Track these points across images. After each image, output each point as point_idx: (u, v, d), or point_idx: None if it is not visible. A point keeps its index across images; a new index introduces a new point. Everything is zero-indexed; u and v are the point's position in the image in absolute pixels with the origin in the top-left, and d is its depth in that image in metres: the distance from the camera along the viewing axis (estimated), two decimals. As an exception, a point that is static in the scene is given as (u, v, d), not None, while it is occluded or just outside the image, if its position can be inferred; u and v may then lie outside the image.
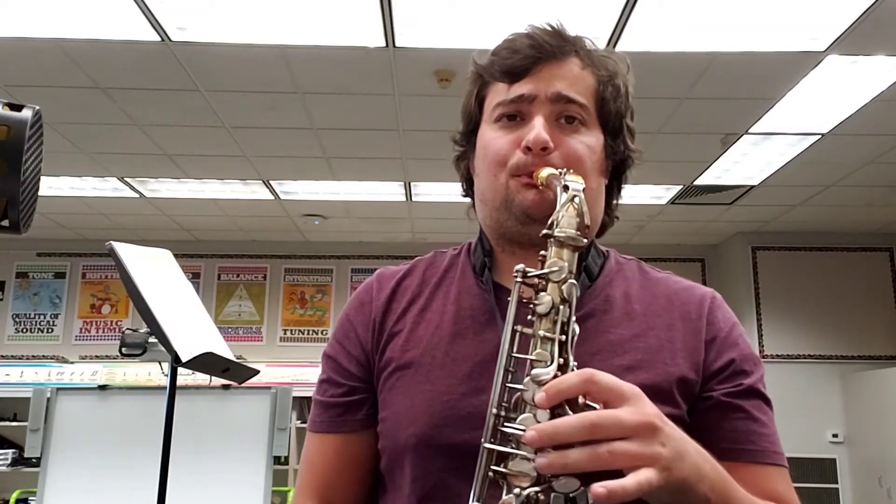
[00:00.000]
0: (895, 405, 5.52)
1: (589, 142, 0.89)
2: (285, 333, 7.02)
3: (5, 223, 0.68)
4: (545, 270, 0.74)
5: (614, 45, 3.27)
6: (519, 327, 0.74)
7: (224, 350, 2.36)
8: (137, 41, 3.31)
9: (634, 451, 0.65)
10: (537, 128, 0.85)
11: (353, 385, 0.92)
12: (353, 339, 0.94)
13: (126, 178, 5.29)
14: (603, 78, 0.90)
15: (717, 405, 0.86)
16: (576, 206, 0.76)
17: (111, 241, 2.23)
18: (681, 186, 5.35)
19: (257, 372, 2.50)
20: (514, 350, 0.74)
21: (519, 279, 0.75)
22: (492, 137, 0.90)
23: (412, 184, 5.38)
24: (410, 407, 0.86)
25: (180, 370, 2.26)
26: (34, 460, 3.14)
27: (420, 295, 0.94)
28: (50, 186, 5.34)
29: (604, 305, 0.89)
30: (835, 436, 6.17)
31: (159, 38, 3.28)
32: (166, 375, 2.33)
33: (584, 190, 0.78)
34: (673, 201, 5.70)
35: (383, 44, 3.32)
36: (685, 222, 6.34)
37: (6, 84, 3.74)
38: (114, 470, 2.79)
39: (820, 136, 4.32)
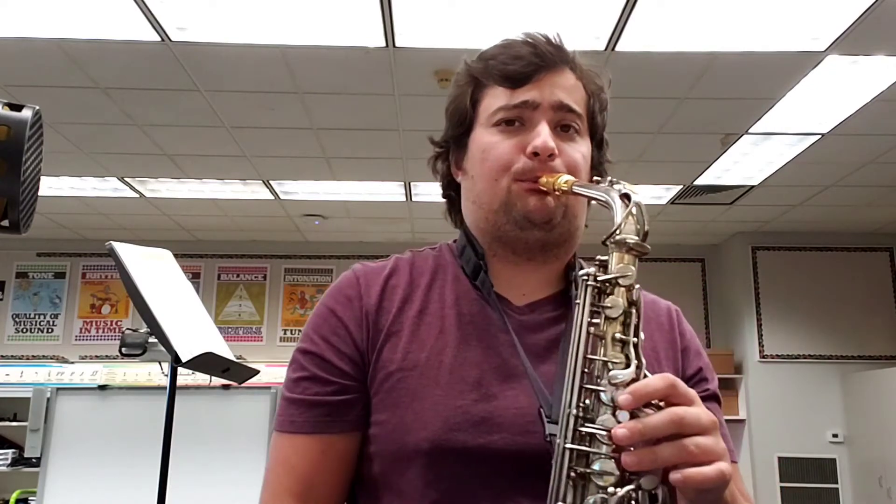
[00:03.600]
0: (895, 405, 5.52)
1: (583, 150, 0.93)
2: (285, 333, 7.02)
3: (5, 223, 0.68)
4: (615, 275, 0.76)
5: (614, 46, 3.27)
6: (593, 329, 0.75)
7: (224, 350, 2.36)
8: (137, 41, 3.31)
9: (713, 445, 0.69)
10: (544, 135, 0.88)
11: (346, 384, 0.88)
12: (344, 336, 0.89)
13: (126, 178, 5.29)
14: (593, 91, 0.95)
15: None
16: (636, 215, 0.78)
17: (111, 241, 2.23)
18: (681, 186, 5.34)
19: (257, 372, 2.50)
20: (588, 352, 0.75)
21: (590, 282, 0.77)
22: (493, 142, 0.91)
23: (412, 184, 5.38)
24: (419, 411, 0.84)
25: (180, 370, 2.26)
26: (34, 460, 3.15)
27: (412, 295, 0.93)
28: (50, 186, 5.33)
29: None
30: (835, 436, 6.16)
31: (159, 38, 3.28)
32: (166, 375, 2.33)
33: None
34: (673, 201, 5.69)
35: (383, 44, 3.32)
36: (685, 222, 6.34)
37: (6, 84, 3.74)
38: (114, 470, 2.79)
39: (820, 136, 4.32)
